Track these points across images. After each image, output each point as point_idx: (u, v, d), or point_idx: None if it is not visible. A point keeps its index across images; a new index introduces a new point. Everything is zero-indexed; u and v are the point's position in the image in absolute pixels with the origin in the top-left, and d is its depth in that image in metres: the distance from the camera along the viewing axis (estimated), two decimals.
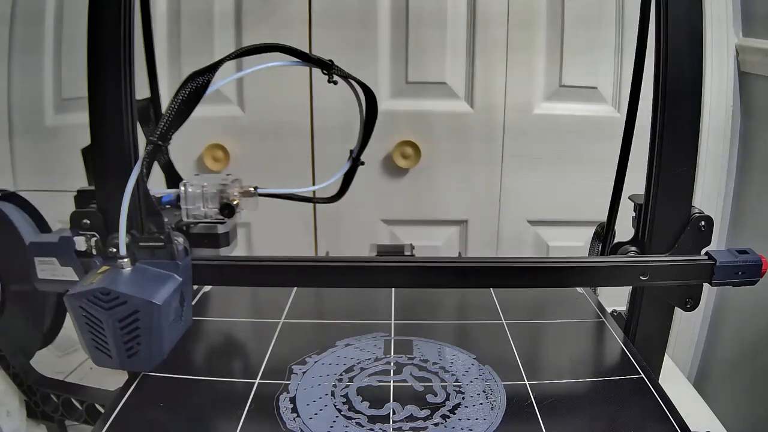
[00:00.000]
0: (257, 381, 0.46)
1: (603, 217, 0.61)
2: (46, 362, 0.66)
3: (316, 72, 0.99)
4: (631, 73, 0.56)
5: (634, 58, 0.56)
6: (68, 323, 0.60)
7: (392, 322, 0.55)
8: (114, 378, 0.60)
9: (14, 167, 1.04)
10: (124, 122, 0.45)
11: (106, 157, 0.45)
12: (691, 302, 0.49)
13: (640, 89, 0.56)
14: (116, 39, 0.44)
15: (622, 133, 0.58)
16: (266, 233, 1.05)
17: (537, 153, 1.03)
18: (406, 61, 1.00)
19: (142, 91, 0.60)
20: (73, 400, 0.56)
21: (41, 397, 0.58)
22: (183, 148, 0.58)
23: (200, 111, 0.95)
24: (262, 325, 0.56)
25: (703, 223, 0.48)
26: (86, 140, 0.47)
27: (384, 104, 1.00)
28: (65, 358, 0.79)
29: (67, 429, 0.59)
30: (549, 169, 1.04)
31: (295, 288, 0.63)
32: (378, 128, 0.59)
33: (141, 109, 0.47)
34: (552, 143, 1.02)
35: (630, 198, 0.52)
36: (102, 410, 0.54)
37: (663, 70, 0.45)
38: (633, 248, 0.50)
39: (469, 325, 0.56)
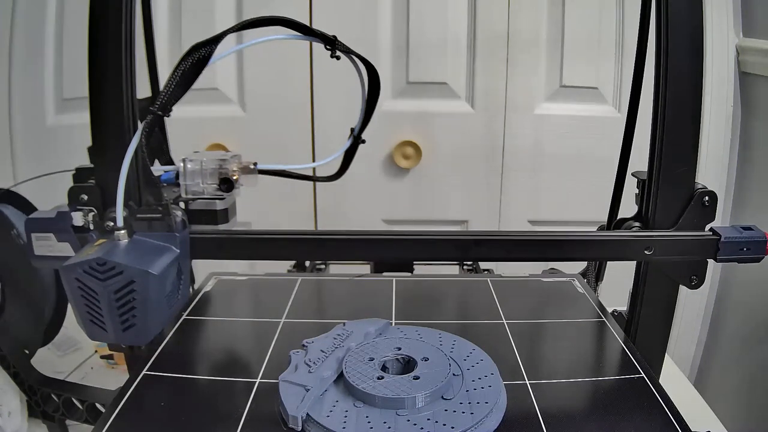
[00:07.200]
0: (258, 380, 0.46)
1: (603, 217, 0.61)
2: (46, 362, 0.66)
3: (318, 71, 1.00)
4: (632, 73, 0.56)
5: (634, 58, 0.56)
6: (68, 322, 0.60)
7: (393, 322, 0.55)
8: (115, 378, 0.60)
9: (15, 167, 1.04)
10: (125, 122, 0.45)
11: (105, 132, 0.46)
12: (696, 279, 0.49)
13: (640, 90, 0.56)
14: (117, 38, 0.44)
15: (623, 134, 0.59)
16: None
17: (537, 153, 1.03)
18: (407, 62, 1.00)
19: (142, 91, 0.60)
20: (74, 400, 0.56)
21: (42, 396, 0.58)
22: (184, 147, 0.58)
23: (201, 111, 0.96)
24: (263, 325, 0.56)
25: (706, 198, 0.48)
26: (87, 140, 0.47)
27: (385, 104, 1.00)
28: (66, 357, 0.79)
29: (67, 428, 0.59)
30: (549, 170, 1.04)
31: (296, 287, 0.63)
32: (379, 128, 0.59)
33: (142, 109, 0.47)
34: (552, 143, 1.03)
35: (633, 174, 0.52)
36: (102, 410, 0.54)
37: (663, 70, 0.45)
38: (636, 223, 0.50)
39: (469, 324, 0.56)
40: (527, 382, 0.45)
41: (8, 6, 0.99)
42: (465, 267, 0.80)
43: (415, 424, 0.38)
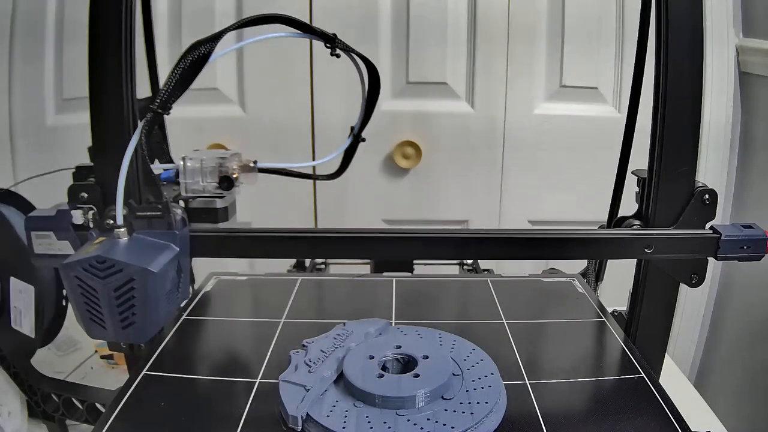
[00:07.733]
0: (258, 380, 0.46)
1: (603, 217, 0.61)
2: (46, 362, 0.66)
3: (318, 71, 1.00)
4: (632, 73, 0.56)
5: (634, 58, 0.56)
6: (68, 322, 0.60)
7: (393, 322, 0.55)
8: (115, 378, 0.60)
9: (15, 167, 1.04)
10: (125, 122, 0.45)
11: (105, 132, 0.46)
12: (696, 278, 0.49)
13: (640, 90, 0.56)
14: (117, 38, 0.44)
15: (623, 134, 0.59)
16: None
17: (537, 153, 1.03)
18: (407, 62, 1.00)
19: (142, 91, 0.60)
20: (74, 400, 0.56)
21: (42, 396, 0.58)
22: (184, 147, 0.58)
23: (201, 111, 0.96)
24: (263, 325, 0.56)
25: (707, 196, 0.47)
26: (87, 140, 0.47)
27: (385, 104, 1.00)
28: (66, 357, 0.79)
29: (67, 428, 0.59)
30: (549, 169, 1.04)
31: (296, 287, 0.63)
32: (379, 128, 0.59)
33: (142, 109, 0.47)
34: (552, 143, 1.03)
35: (633, 173, 0.52)
36: (102, 410, 0.54)
37: (663, 70, 0.45)
38: (637, 222, 0.50)
39: (469, 324, 0.56)
40: (527, 382, 0.45)
41: (8, 6, 0.99)
42: (465, 267, 0.80)
43: (415, 424, 0.38)
